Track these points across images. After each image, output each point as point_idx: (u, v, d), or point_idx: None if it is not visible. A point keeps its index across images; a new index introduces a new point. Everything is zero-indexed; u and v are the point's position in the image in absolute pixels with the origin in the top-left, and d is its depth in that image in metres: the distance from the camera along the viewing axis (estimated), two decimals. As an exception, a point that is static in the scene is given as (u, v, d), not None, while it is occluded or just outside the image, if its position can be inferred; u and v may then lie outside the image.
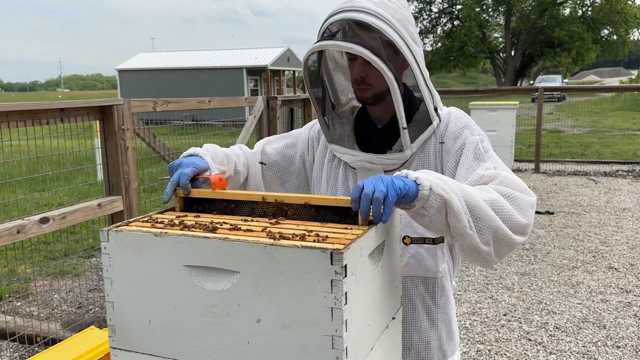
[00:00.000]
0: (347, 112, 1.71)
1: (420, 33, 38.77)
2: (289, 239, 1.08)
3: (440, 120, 1.57)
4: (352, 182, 1.63)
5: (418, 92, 1.54)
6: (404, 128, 1.49)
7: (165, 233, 1.10)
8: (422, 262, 1.56)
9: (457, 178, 1.47)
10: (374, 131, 1.62)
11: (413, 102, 1.56)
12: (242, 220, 1.24)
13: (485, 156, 1.48)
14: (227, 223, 1.20)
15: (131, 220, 1.24)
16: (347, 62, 1.59)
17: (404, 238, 1.52)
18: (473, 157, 1.48)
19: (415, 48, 1.49)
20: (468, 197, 1.25)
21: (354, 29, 1.45)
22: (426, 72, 1.53)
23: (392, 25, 1.44)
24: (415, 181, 1.22)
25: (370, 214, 1.16)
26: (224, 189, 1.38)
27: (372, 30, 1.43)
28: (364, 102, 1.62)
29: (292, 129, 5.72)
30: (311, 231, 1.13)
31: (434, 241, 1.54)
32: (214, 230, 1.14)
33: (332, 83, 1.68)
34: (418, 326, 1.61)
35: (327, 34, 1.51)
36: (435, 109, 1.55)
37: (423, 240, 1.54)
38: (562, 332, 4.08)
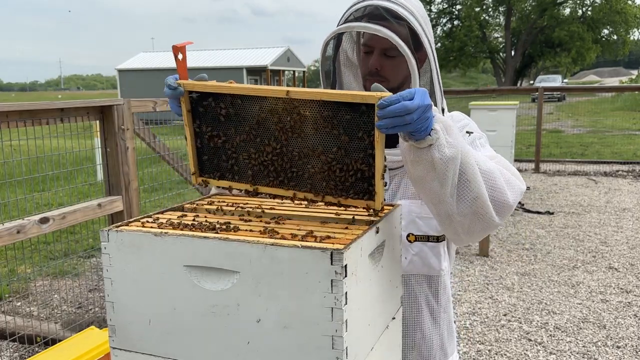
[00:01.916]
0: None
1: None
2: (289, 239, 1.08)
3: None
4: None
5: (430, 91, 1.52)
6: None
7: (165, 233, 1.10)
8: (425, 260, 1.56)
9: None
10: None
11: None
12: (242, 220, 1.24)
13: (482, 150, 1.51)
14: (227, 223, 1.20)
15: (131, 220, 1.24)
16: (362, 55, 1.57)
17: (408, 235, 1.53)
18: (470, 144, 1.49)
19: (433, 46, 1.49)
20: (465, 165, 1.26)
21: (383, 16, 1.44)
22: (439, 73, 1.53)
23: (417, 19, 1.44)
24: (430, 129, 1.20)
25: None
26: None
27: (400, 18, 1.43)
28: None
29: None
30: (311, 231, 1.13)
31: (437, 239, 1.54)
32: (214, 230, 1.14)
33: (340, 76, 1.66)
34: (421, 325, 1.60)
35: (351, 19, 1.48)
36: (443, 111, 1.55)
37: (427, 238, 1.54)
38: (562, 332, 4.08)
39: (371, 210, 1.22)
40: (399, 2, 1.44)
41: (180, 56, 1.33)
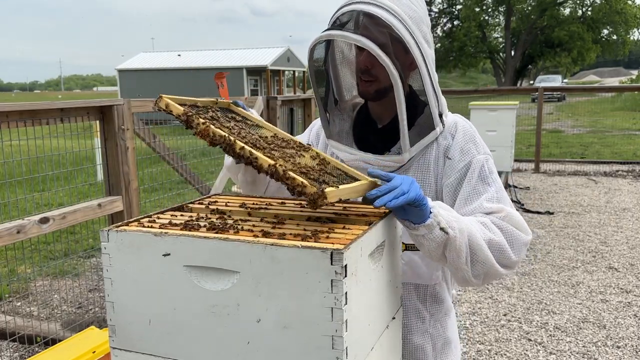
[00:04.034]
0: (348, 108, 1.68)
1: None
2: (289, 239, 1.08)
3: (444, 127, 1.53)
4: None
5: (424, 96, 1.50)
6: (403, 130, 1.47)
7: (165, 233, 1.10)
8: (415, 269, 1.54)
9: (459, 197, 1.47)
10: (374, 130, 1.59)
11: (417, 105, 1.52)
12: (242, 220, 1.24)
13: (490, 178, 1.48)
14: (227, 223, 1.20)
15: (131, 220, 1.24)
16: (355, 53, 1.56)
17: None
18: (478, 178, 1.47)
19: (426, 49, 1.45)
20: (471, 237, 1.31)
21: (365, 22, 1.43)
22: (435, 76, 1.49)
23: (404, 23, 1.40)
24: (430, 210, 1.26)
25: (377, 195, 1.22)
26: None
27: (383, 25, 1.40)
28: (366, 97, 1.57)
29: (292, 129, 5.71)
30: (311, 231, 1.13)
31: None
32: (214, 230, 1.14)
33: (336, 76, 1.65)
34: (411, 334, 1.59)
35: (337, 24, 1.47)
36: (440, 115, 1.51)
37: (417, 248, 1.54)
38: (562, 332, 4.08)
39: (311, 190, 1.14)
40: (383, 4, 1.40)
41: (221, 85, 1.60)
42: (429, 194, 1.52)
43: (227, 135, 1.26)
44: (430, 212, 1.25)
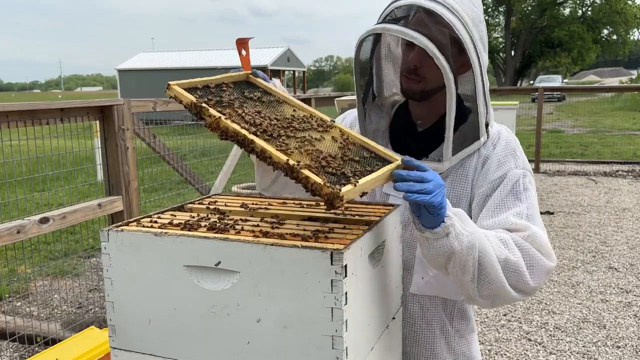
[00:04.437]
0: (386, 105, 1.58)
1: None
2: (289, 239, 1.08)
3: (487, 138, 1.44)
4: None
5: (471, 102, 1.40)
6: (448, 137, 1.37)
7: (165, 233, 1.10)
8: (444, 284, 1.44)
9: (486, 208, 1.39)
10: (413, 133, 1.50)
11: (464, 112, 1.42)
12: (242, 220, 1.24)
13: (523, 195, 1.38)
14: (227, 223, 1.20)
15: (131, 220, 1.24)
16: (403, 48, 1.45)
17: None
18: (510, 192, 1.38)
19: (482, 53, 1.36)
20: (483, 254, 1.22)
21: (422, 18, 1.32)
22: (487, 82, 1.39)
23: (465, 23, 1.31)
24: (444, 219, 1.18)
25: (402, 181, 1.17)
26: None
27: (442, 24, 1.30)
28: (409, 96, 1.47)
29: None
30: (311, 231, 1.12)
31: None
32: (214, 230, 1.14)
33: (379, 71, 1.55)
34: (434, 349, 1.52)
35: (390, 18, 1.37)
36: (487, 125, 1.42)
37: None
38: (562, 332, 4.08)
39: (327, 191, 1.07)
40: (446, 2, 1.31)
41: (243, 52, 1.42)
42: (464, 206, 1.44)
43: (238, 129, 1.17)
44: (443, 221, 1.18)
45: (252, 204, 1.40)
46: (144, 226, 1.18)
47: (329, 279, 0.97)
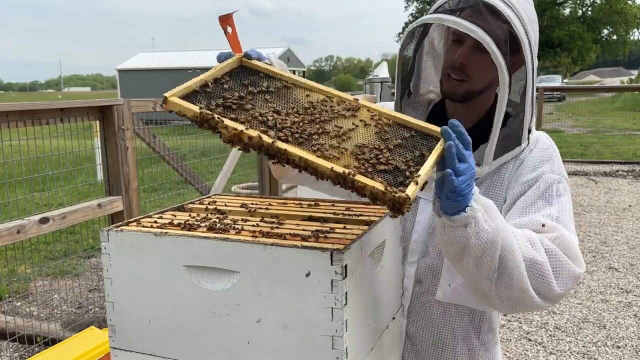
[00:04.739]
0: (423, 102, 1.52)
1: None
2: (289, 239, 1.07)
3: (528, 144, 1.38)
4: None
5: (513, 106, 1.34)
6: (493, 141, 1.29)
7: (165, 233, 1.10)
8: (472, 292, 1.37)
9: (515, 207, 1.33)
10: None
11: (507, 115, 1.35)
12: (242, 220, 1.24)
13: (555, 199, 1.31)
14: (227, 223, 1.20)
15: (131, 220, 1.23)
16: (448, 45, 1.38)
17: None
18: (542, 194, 1.31)
19: (535, 54, 1.29)
20: (507, 252, 1.14)
21: (481, 12, 1.25)
22: (535, 84, 1.32)
23: (522, 21, 1.25)
24: (465, 208, 1.09)
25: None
26: None
27: (501, 19, 1.23)
28: (452, 97, 1.39)
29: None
30: (311, 231, 1.12)
31: None
32: (214, 230, 1.14)
33: (419, 67, 1.49)
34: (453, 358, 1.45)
35: (443, 9, 1.29)
36: (529, 131, 1.36)
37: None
38: (562, 332, 4.08)
39: (391, 196, 0.97)
40: None
41: (229, 29, 1.25)
42: (500, 211, 1.34)
43: (265, 139, 1.03)
44: (464, 211, 1.09)
45: (252, 204, 1.40)
46: (144, 226, 1.18)
47: (329, 279, 0.97)
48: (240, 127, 1.05)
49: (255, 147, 1.04)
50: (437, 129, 1.12)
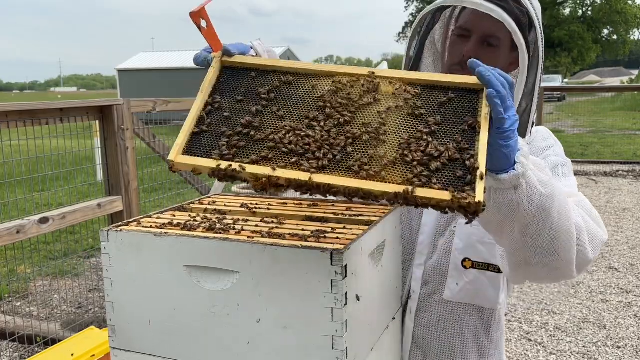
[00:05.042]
0: None
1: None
2: (289, 239, 1.07)
3: (530, 137, 1.36)
4: None
5: (526, 94, 1.30)
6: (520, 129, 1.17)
7: (165, 233, 1.10)
8: (481, 291, 1.36)
9: None
10: None
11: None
12: (242, 220, 1.24)
13: (562, 178, 1.28)
14: (227, 223, 1.19)
15: (131, 220, 1.23)
16: (452, 40, 1.35)
17: (463, 260, 1.36)
18: (551, 168, 1.28)
19: (543, 43, 1.27)
20: (561, 215, 1.04)
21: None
22: (542, 76, 1.30)
23: (535, 10, 1.26)
24: (516, 160, 0.97)
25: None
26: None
27: (520, 4, 1.22)
28: None
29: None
30: (311, 231, 1.12)
31: (499, 270, 1.34)
32: (214, 230, 1.14)
33: (421, 60, 1.46)
34: (461, 358, 1.43)
35: None
36: (533, 124, 1.34)
37: (487, 267, 1.35)
38: (562, 332, 4.08)
39: (462, 203, 0.87)
40: None
41: (204, 24, 1.08)
42: None
43: (299, 176, 0.92)
44: (513, 168, 0.96)
45: (252, 204, 1.39)
46: (143, 226, 1.18)
47: (329, 279, 0.97)
48: (266, 170, 0.93)
49: (292, 187, 0.93)
50: (474, 80, 0.97)
